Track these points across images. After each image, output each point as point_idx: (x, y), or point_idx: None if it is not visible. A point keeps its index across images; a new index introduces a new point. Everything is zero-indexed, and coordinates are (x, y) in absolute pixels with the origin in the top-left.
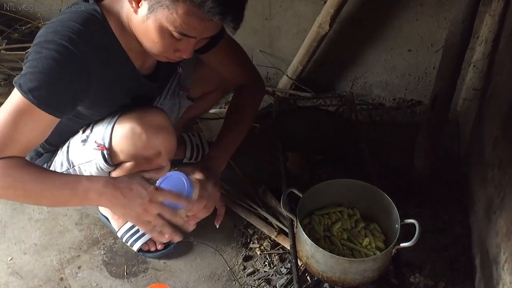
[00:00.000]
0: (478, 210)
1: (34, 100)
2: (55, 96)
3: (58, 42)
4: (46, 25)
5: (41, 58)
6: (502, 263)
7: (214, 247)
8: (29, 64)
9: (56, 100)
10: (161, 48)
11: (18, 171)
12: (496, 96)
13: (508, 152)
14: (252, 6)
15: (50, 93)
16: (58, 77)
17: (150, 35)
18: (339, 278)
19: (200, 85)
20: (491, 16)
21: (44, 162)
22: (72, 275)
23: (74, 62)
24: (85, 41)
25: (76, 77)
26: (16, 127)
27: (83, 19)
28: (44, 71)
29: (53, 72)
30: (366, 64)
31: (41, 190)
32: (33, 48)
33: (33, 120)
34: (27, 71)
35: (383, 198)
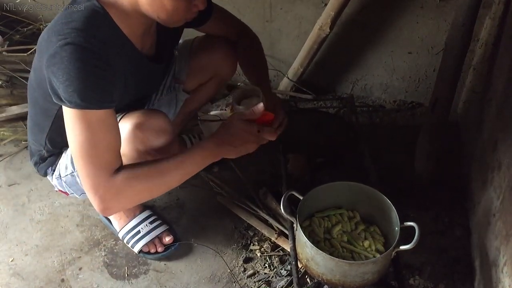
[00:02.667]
0: (478, 212)
1: (92, 105)
2: (102, 91)
3: (72, 45)
4: (49, 30)
5: (68, 65)
6: (502, 265)
7: (214, 249)
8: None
9: (106, 94)
10: (182, 11)
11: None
12: (496, 98)
13: (507, 155)
14: (253, 8)
15: (96, 91)
16: (92, 74)
17: (167, 6)
18: (339, 280)
19: (195, 76)
20: (491, 19)
21: (48, 166)
22: (73, 277)
23: (95, 56)
24: (93, 36)
25: (104, 65)
26: (96, 140)
27: (86, 16)
28: (78, 76)
29: (85, 73)
30: (367, 66)
31: (164, 182)
32: (50, 61)
33: (102, 123)
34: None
35: (383, 200)
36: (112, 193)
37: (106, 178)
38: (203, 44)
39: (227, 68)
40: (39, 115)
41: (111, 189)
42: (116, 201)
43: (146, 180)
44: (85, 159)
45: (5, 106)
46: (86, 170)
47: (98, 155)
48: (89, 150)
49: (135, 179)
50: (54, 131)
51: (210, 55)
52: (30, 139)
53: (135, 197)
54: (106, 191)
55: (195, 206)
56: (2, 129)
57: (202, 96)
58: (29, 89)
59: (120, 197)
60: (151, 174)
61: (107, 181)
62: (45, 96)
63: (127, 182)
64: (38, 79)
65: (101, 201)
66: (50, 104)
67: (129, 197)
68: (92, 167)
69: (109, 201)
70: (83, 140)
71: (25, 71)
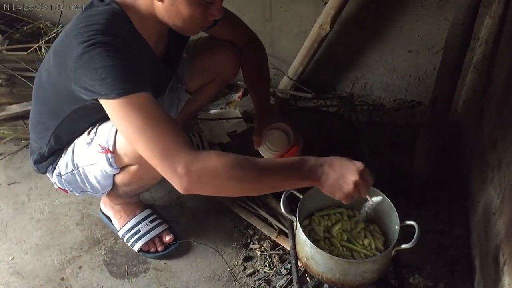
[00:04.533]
0: (478, 211)
1: (136, 87)
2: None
3: (100, 44)
4: (68, 35)
5: (100, 61)
6: (502, 264)
7: (214, 248)
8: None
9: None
10: (199, 19)
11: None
12: (496, 97)
13: (507, 154)
14: (253, 7)
15: (134, 75)
16: (126, 62)
17: (183, 14)
18: (338, 279)
19: (197, 77)
20: (491, 17)
21: (49, 165)
22: (73, 275)
23: (123, 50)
24: (117, 36)
25: (133, 57)
26: (156, 119)
27: (107, 18)
28: (113, 66)
29: (119, 62)
30: (367, 65)
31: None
32: (78, 63)
33: (151, 103)
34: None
35: (383, 199)
36: (198, 164)
37: (186, 148)
38: (206, 45)
39: (230, 70)
40: (46, 115)
41: (197, 160)
42: (204, 174)
43: (239, 167)
44: (152, 140)
45: (5, 104)
46: (159, 148)
47: (164, 130)
48: (153, 129)
49: (226, 160)
50: (61, 129)
51: (213, 56)
52: (32, 136)
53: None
54: (190, 160)
55: (195, 205)
56: (2, 127)
57: (204, 97)
58: (38, 88)
59: (208, 172)
60: (246, 163)
61: (189, 151)
62: (59, 98)
63: (217, 160)
64: (52, 83)
65: (186, 172)
66: (64, 106)
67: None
68: (164, 142)
69: (195, 173)
70: (142, 123)
71: (25, 69)
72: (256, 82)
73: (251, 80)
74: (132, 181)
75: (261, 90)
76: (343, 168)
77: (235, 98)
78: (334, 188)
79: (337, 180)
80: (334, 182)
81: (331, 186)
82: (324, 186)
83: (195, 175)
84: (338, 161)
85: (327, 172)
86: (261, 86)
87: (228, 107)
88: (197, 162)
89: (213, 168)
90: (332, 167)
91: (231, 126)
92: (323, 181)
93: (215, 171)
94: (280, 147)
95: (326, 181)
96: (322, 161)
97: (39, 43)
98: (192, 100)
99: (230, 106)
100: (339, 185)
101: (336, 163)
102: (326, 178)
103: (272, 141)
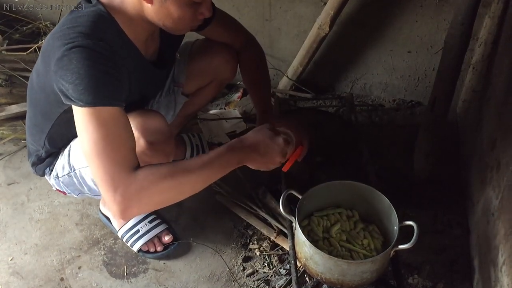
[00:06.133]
0: (477, 211)
1: (104, 101)
2: (112, 88)
3: (80, 48)
4: (53, 35)
5: (76, 66)
6: (500, 265)
7: (213, 248)
8: (69, 79)
9: (116, 91)
10: (188, 20)
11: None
12: (495, 98)
13: (506, 154)
14: (253, 7)
15: (107, 88)
16: (102, 72)
17: (173, 14)
18: (337, 279)
19: (194, 80)
20: (490, 18)
21: (46, 167)
22: (72, 275)
23: (103, 57)
24: (100, 40)
25: (113, 66)
26: (111, 137)
27: (92, 21)
28: (87, 75)
29: (94, 71)
30: (366, 65)
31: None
32: (58, 64)
33: (115, 120)
34: (73, 87)
35: (382, 199)
36: (133, 190)
37: (125, 174)
38: (202, 47)
39: (227, 72)
40: (39, 117)
41: (132, 185)
42: (137, 200)
43: (170, 177)
44: (101, 157)
45: (4, 105)
46: (103, 168)
47: (114, 151)
48: (104, 147)
49: (158, 176)
50: (55, 132)
51: (209, 59)
52: (29, 139)
53: (158, 196)
54: (127, 187)
55: (194, 205)
56: (2, 128)
57: (201, 99)
58: (30, 90)
59: (142, 196)
60: (176, 172)
61: (127, 177)
62: (48, 99)
63: (150, 179)
64: (41, 83)
65: (122, 200)
66: (53, 108)
67: (152, 195)
68: (109, 164)
69: (130, 200)
70: (97, 138)
71: (25, 70)
72: (256, 84)
73: (250, 82)
74: None
75: (261, 91)
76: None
77: (234, 98)
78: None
79: (264, 163)
80: (261, 164)
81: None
82: (252, 167)
83: (132, 200)
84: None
85: (253, 157)
86: (260, 87)
87: (227, 108)
88: (131, 187)
89: (148, 186)
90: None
91: (230, 126)
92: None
93: (150, 191)
94: None
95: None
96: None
97: (38, 43)
98: (189, 102)
99: (230, 107)
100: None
101: (260, 146)
102: (253, 162)
103: None
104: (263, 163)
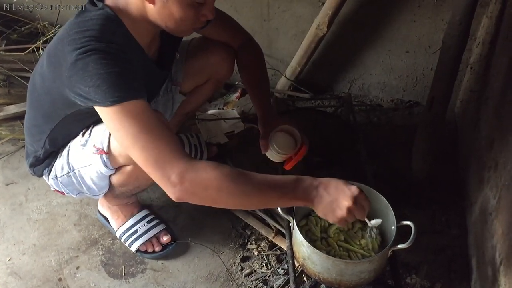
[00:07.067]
0: (475, 211)
1: (130, 95)
2: (134, 82)
3: (93, 51)
4: (62, 41)
5: (94, 68)
6: (498, 264)
7: (211, 248)
8: (88, 83)
9: (138, 85)
10: (191, 21)
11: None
12: (493, 98)
13: (504, 154)
14: (251, 7)
15: (129, 82)
16: (121, 69)
17: (175, 15)
18: (335, 279)
19: (191, 78)
20: (488, 18)
21: (45, 167)
22: (70, 276)
23: (117, 57)
24: (110, 42)
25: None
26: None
27: (101, 24)
28: (107, 74)
29: (113, 69)
30: (364, 65)
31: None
32: (72, 70)
33: (146, 111)
34: (95, 89)
35: (380, 199)
36: (190, 175)
37: (180, 158)
38: (199, 46)
39: (223, 70)
40: (41, 118)
41: (190, 171)
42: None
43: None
44: (147, 148)
45: (2, 105)
46: (153, 156)
47: (158, 140)
48: (147, 137)
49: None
50: (57, 132)
51: (206, 57)
52: (28, 139)
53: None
54: (183, 171)
55: (192, 205)
56: (0, 128)
57: (199, 98)
58: (31, 93)
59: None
60: (238, 177)
61: (183, 161)
62: (54, 103)
63: (210, 171)
64: (46, 87)
65: (178, 181)
66: (57, 110)
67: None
68: (158, 151)
69: (189, 183)
70: (137, 131)
71: (23, 70)
72: (255, 84)
73: (250, 82)
74: (127, 181)
75: (261, 92)
76: (338, 192)
77: (233, 98)
78: (327, 211)
79: (330, 204)
80: (328, 206)
81: (324, 209)
82: (317, 208)
83: (188, 184)
84: (334, 184)
85: (321, 195)
86: (260, 88)
87: (226, 108)
88: (191, 172)
89: (207, 178)
90: (327, 190)
91: (229, 126)
92: (316, 203)
93: (208, 182)
94: (288, 149)
95: (319, 204)
96: (318, 182)
97: (37, 44)
98: (187, 101)
99: (228, 107)
100: (332, 209)
101: (331, 185)
102: (320, 200)
103: (279, 144)
104: (330, 205)
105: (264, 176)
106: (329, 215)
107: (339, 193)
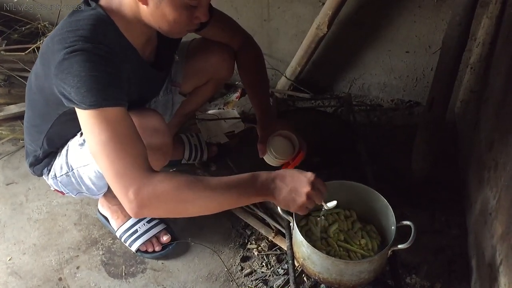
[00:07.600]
0: (475, 211)
1: (107, 102)
2: (115, 89)
3: (81, 51)
4: (53, 39)
5: (77, 69)
6: (498, 264)
7: (211, 248)
8: (71, 83)
9: (118, 91)
10: (183, 23)
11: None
12: (493, 98)
13: (504, 154)
14: (251, 7)
15: (109, 88)
16: (103, 73)
17: (168, 17)
18: (335, 279)
19: (191, 79)
20: (488, 18)
21: (44, 167)
22: (70, 275)
23: (104, 59)
24: (100, 43)
25: (113, 67)
26: (120, 137)
27: (92, 24)
28: (89, 77)
29: (96, 73)
30: (364, 66)
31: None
32: (58, 68)
33: (121, 120)
34: (76, 90)
35: (380, 199)
36: (147, 190)
37: (139, 173)
38: (199, 47)
39: (223, 71)
40: (37, 118)
41: (146, 186)
42: (151, 202)
43: (187, 188)
44: (111, 157)
45: (3, 105)
46: (114, 167)
47: (124, 151)
48: (114, 146)
49: (175, 183)
50: (53, 132)
51: (206, 58)
52: (27, 139)
53: (171, 203)
54: (140, 187)
55: None
56: (0, 128)
57: (199, 98)
58: (28, 92)
59: (156, 198)
60: (194, 183)
61: (141, 176)
62: (47, 101)
63: (166, 183)
64: (39, 85)
65: (135, 198)
66: (51, 109)
67: (165, 201)
68: (120, 164)
69: (143, 199)
70: (105, 139)
71: (23, 70)
72: (254, 85)
73: (249, 82)
74: None
75: (260, 93)
76: (294, 180)
77: (233, 98)
78: (288, 201)
79: (289, 193)
80: (287, 196)
81: (285, 199)
82: (278, 200)
83: (145, 200)
84: (289, 173)
85: (280, 186)
86: (259, 89)
87: (226, 107)
88: (148, 187)
89: (163, 192)
90: (283, 181)
91: (229, 126)
92: (276, 196)
93: (165, 195)
94: (286, 155)
95: (279, 195)
96: (273, 175)
97: (37, 44)
98: (187, 101)
99: (228, 107)
100: (292, 198)
101: (287, 175)
102: (279, 192)
103: (277, 149)
104: (289, 194)
105: (219, 179)
106: (290, 205)
107: (295, 181)
